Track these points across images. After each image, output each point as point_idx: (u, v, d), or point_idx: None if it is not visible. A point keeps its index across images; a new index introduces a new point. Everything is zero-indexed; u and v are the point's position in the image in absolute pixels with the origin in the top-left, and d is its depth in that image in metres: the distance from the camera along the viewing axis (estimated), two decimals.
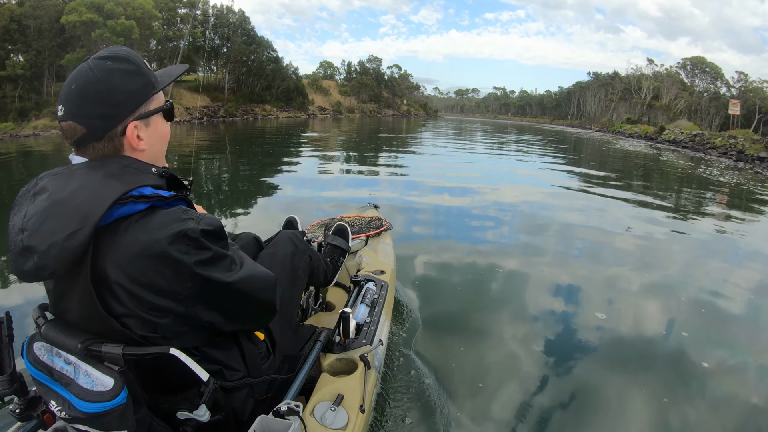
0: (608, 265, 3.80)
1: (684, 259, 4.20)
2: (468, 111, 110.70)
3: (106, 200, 0.73)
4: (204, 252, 0.79)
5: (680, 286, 3.38)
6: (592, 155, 17.18)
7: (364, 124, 31.95)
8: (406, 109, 61.78)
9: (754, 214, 6.75)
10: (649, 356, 2.37)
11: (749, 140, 19.44)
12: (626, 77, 57.31)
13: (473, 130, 30.64)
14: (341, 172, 8.38)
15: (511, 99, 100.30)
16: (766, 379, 2.26)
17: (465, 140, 19.92)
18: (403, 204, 5.64)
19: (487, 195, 6.71)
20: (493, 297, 2.97)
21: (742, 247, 4.79)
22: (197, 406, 0.89)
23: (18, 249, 0.72)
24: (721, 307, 3.03)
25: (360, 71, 56.69)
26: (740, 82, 47.86)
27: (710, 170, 12.94)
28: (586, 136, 32.43)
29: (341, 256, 1.92)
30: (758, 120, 25.30)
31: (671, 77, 52.15)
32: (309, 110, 40.61)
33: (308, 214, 4.33)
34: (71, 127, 0.79)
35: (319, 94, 45.68)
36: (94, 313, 0.76)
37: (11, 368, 0.84)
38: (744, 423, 1.91)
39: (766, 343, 2.65)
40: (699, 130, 28.13)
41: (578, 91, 68.69)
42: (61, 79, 22.76)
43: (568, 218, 5.52)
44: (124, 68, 0.81)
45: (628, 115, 49.74)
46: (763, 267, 4.17)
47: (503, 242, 4.30)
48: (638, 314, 2.86)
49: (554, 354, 2.30)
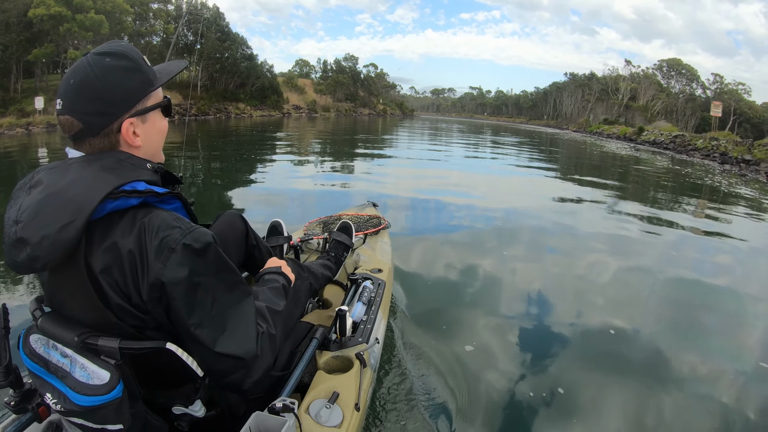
0: (622, 270, 3.81)
1: (686, 259, 4.22)
2: (444, 110, 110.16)
3: (99, 193, 0.73)
4: (179, 269, 0.75)
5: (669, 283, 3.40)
6: (582, 159, 17.14)
7: (339, 123, 31.25)
8: (382, 109, 60.96)
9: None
10: (626, 351, 2.44)
11: (732, 142, 19.35)
12: (603, 78, 57.60)
13: (449, 131, 30.24)
14: (315, 180, 7.57)
15: (488, 99, 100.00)
16: (740, 374, 2.32)
17: (445, 142, 19.72)
18: (402, 203, 5.64)
19: (485, 196, 6.72)
20: (492, 296, 2.98)
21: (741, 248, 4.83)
22: (193, 402, 0.89)
23: (12, 240, 0.72)
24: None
25: (336, 69, 55.46)
26: (716, 84, 48.30)
27: (714, 179, 12.92)
28: (567, 137, 32.23)
29: (345, 251, 1.95)
30: (733, 121, 25.36)
31: (648, 78, 52.34)
32: (284, 109, 39.41)
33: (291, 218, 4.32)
34: (68, 121, 0.80)
35: (294, 92, 44.55)
36: (90, 304, 0.76)
37: (6, 360, 0.84)
38: (716, 415, 1.96)
39: (740, 338, 2.73)
40: (678, 132, 28.14)
41: (555, 92, 68.83)
42: (29, 75, 21.91)
43: (569, 222, 5.53)
44: (123, 65, 0.81)
45: (605, 115, 49.91)
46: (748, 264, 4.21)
47: (502, 241, 4.30)
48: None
49: (555, 353, 2.32)
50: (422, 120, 51.80)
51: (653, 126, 34.46)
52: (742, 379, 2.28)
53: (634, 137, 29.80)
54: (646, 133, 29.42)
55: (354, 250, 2.35)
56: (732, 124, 25.63)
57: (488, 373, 2.10)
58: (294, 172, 8.42)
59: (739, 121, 27.04)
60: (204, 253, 0.78)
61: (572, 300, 3.04)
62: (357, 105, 55.71)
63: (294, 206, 5.39)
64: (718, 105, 27.30)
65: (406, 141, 18.87)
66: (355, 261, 2.22)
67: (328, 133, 21.41)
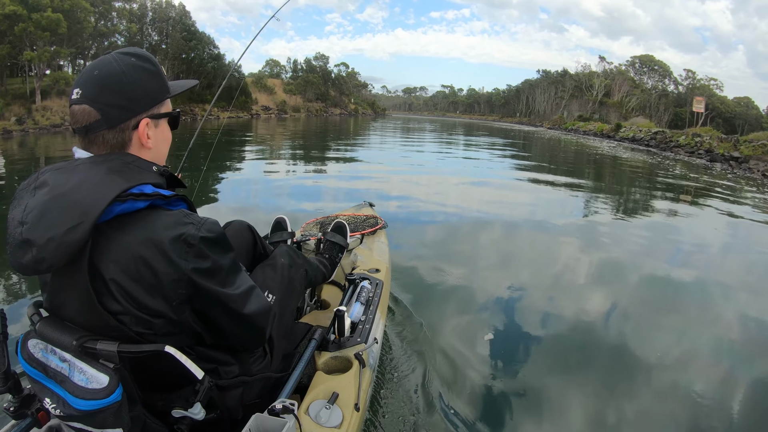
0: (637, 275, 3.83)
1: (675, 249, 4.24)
2: (416, 109, 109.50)
3: (107, 196, 0.73)
4: (202, 261, 0.80)
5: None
6: (571, 159, 17.01)
7: (310, 124, 30.18)
8: (353, 108, 59.84)
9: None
10: (595, 343, 2.51)
11: (716, 139, 18.96)
12: (577, 75, 57.77)
13: (421, 130, 29.30)
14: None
15: (460, 97, 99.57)
16: (712, 359, 2.41)
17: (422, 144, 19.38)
18: (401, 203, 5.65)
19: (485, 196, 6.74)
20: (493, 295, 2.99)
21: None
22: (192, 404, 0.89)
23: (17, 242, 0.71)
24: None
25: (306, 69, 53.89)
26: (688, 79, 48.99)
27: (715, 181, 12.80)
28: (548, 135, 31.87)
29: (340, 252, 1.94)
30: (706, 116, 25.37)
31: (623, 74, 52.64)
32: (252, 110, 38.09)
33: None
34: (85, 111, 0.80)
35: (263, 93, 43.23)
36: (90, 308, 0.76)
37: (5, 366, 0.83)
38: (686, 407, 2.01)
39: (705, 329, 2.81)
40: (656, 128, 27.90)
41: (527, 89, 68.80)
42: None
43: (581, 224, 5.55)
44: (147, 67, 0.85)
45: (579, 112, 50.03)
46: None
47: (502, 241, 4.32)
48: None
49: (554, 354, 2.33)
50: (394, 119, 50.79)
51: (630, 122, 34.19)
52: (713, 365, 2.37)
53: (612, 134, 29.49)
54: (623, 129, 29.15)
55: (351, 250, 2.35)
56: (705, 119, 25.62)
57: (488, 371, 2.11)
58: (269, 181, 7.71)
59: (711, 116, 27.30)
60: (220, 240, 0.83)
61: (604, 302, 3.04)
62: (328, 105, 54.22)
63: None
64: (700, 100, 27.09)
65: (378, 144, 17.75)
66: (352, 261, 2.22)
67: (299, 134, 20.50)
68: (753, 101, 50.69)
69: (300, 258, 1.50)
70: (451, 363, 2.11)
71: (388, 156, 12.88)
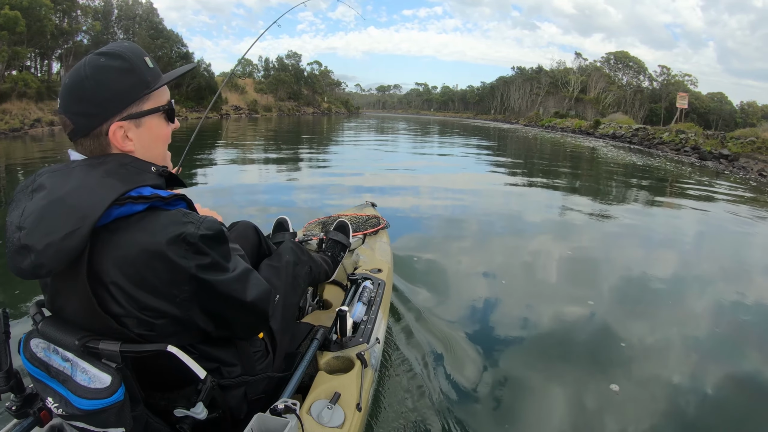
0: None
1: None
2: (390, 107, 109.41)
3: (105, 200, 0.72)
4: (203, 257, 0.79)
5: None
6: (564, 159, 16.68)
7: (281, 123, 28.66)
8: (326, 107, 58.95)
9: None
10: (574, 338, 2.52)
11: (701, 135, 18.36)
12: (552, 71, 57.60)
13: (396, 129, 27.61)
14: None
15: (434, 95, 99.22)
16: (683, 356, 2.41)
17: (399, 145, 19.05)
18: (401, 203, 5.65)
19: (485, 197, 6.73)
20: (492, 295, 2.98)
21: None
22: (194, 404, 0.89)
23: (15, 247, 0.71)
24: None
25: (278, 67, 52.57)
26: (663, 75, 49.06)
27: (711, 181, 12.67)
28: (531, 133, 30.70)
29: (342, 251, 1.95)
30: (680, 113, 25.15)
31: (598, 71, 52.66)
32: (222, 110, 36.07)
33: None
34: (63, 120, 0.81)
35: (234, 92, 41.64)
36: (91, 311, 0.75)
37: (7, 365, 0.83)
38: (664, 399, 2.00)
39: (681, 322, 2.81)
40: (636, 124, 27.32)
41: (501, 86, 68.61)
42: None
43: (567, 222, 5.54)
44: (116, 66, 0.80)
45: (555, 108, 49.76)
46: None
47: (503, 241, 4.31)
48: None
49: (568, 355, 2.32)
50: (369, 118, 49.70)
51: (609, 119, 33.63)
52: (692, 354, 2.43)
53: (591, 131, 28.82)
54: (602, 126, 28.56)
55: (353, 250, 2.35)
56: (679, 116, 25.43)
57: (491, 371, 2.10)
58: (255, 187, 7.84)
59: (686, 111, 27.31)
60: (220, 237, 0.83)
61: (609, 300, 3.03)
62: (301, 104, 52.73)
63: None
64: (684, 96, 26.49)
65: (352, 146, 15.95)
66: (354, 261, 2.23)
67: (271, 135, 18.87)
68: (726, 96, 51.30)
69: (305, 255, 1.50)
70: (454, 362, 2.11)
71: (365, 156, 12.13)
